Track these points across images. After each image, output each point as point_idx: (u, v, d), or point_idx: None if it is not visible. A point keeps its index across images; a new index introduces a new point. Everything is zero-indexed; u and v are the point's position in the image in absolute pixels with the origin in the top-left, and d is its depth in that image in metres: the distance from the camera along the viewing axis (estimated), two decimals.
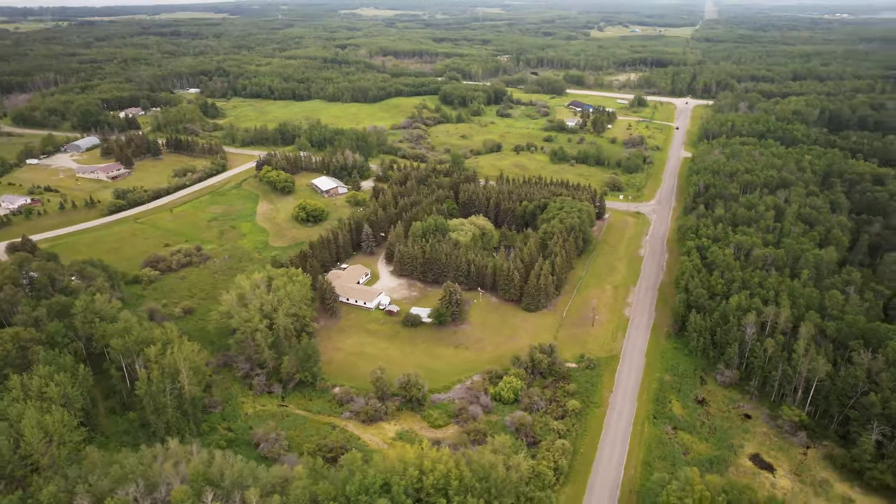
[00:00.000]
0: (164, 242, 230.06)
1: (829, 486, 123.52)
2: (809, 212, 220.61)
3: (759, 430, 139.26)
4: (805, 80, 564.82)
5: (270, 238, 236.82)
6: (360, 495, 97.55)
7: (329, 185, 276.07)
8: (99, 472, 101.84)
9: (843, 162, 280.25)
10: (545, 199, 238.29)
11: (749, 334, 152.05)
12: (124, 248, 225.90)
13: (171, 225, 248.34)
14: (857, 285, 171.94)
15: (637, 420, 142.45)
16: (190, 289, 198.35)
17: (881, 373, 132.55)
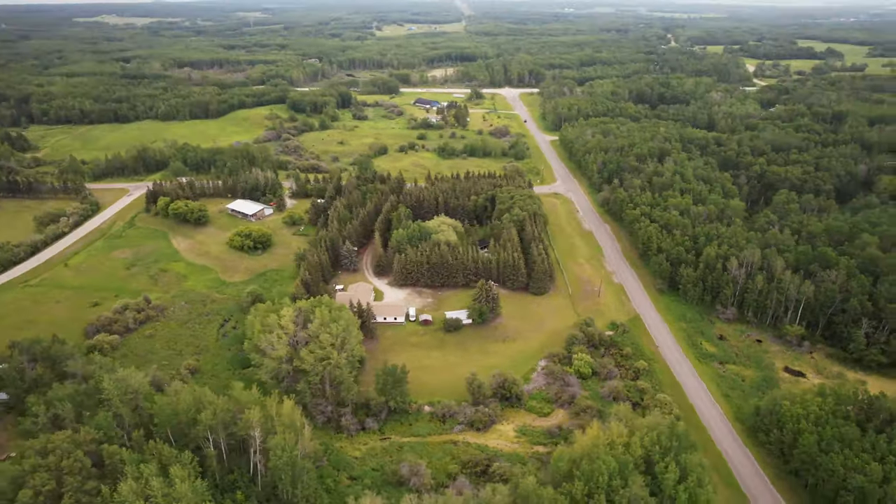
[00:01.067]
0: (89, 302, 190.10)
1: (844, 376, 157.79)
2: (702, 172, 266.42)
3: (774, 349, 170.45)
4: (594, 65, 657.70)
5: (221, 274, 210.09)
6: (613, 479, 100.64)
7: (254, 209, 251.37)
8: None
9: (686, 131, 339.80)
10: (490, 191, 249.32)
11: (738, 275, 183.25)
12: (39, 318, 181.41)
13: (78, 280, 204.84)
14: (778, 224, 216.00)
15: (693, 364, 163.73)
16: (170, 346, 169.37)
17: (850, 281, 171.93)
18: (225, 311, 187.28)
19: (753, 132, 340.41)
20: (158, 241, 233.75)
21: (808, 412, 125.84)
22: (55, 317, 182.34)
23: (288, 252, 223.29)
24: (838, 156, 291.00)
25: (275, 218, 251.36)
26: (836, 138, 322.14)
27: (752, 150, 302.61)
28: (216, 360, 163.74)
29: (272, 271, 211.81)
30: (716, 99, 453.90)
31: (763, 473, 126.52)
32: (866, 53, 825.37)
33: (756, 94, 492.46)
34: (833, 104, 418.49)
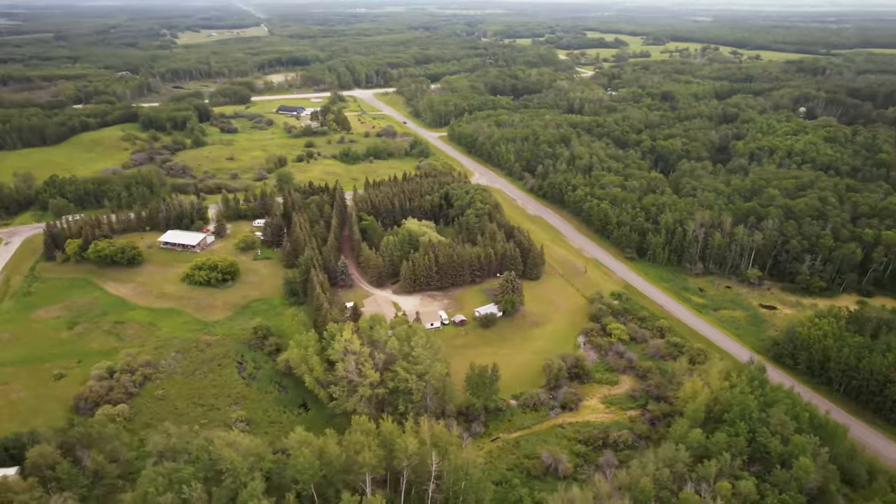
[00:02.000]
0: (49, 376, 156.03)
1: (801, 303, 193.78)
2: (612, 152, 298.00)
3: (743, 292, 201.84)
4: (431, 62, 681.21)
5: (196, 314, 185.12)
6: (756, 413, 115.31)
7: (195, 238, 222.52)
8: None
9: (568, 117, 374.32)
10: (441, 189, 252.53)
11: (698, 234, 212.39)
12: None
13: (10, 354, 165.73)
14: (702, 188, 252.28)
15: (694, 314, 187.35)
16: (196, 402, 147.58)
17: (784, 226, 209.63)
18: (230, 352, 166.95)
19: (619, 113, 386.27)
20: (89, 291, 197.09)
21: (825, 333, 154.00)
22: (15, 402, 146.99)
23: (260, 280, 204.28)
24: (697, 128, 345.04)
25: (222, 245, 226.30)
26: (686, 113, 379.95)
27: (630, 128, 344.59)
28: (264, 406, 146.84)
29: (256, 301, 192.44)
30: (565, 86, 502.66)
31: (806, 387, 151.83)
32: (642, 42, 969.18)
33: (591, 80, 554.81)
34: (658, 85, 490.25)
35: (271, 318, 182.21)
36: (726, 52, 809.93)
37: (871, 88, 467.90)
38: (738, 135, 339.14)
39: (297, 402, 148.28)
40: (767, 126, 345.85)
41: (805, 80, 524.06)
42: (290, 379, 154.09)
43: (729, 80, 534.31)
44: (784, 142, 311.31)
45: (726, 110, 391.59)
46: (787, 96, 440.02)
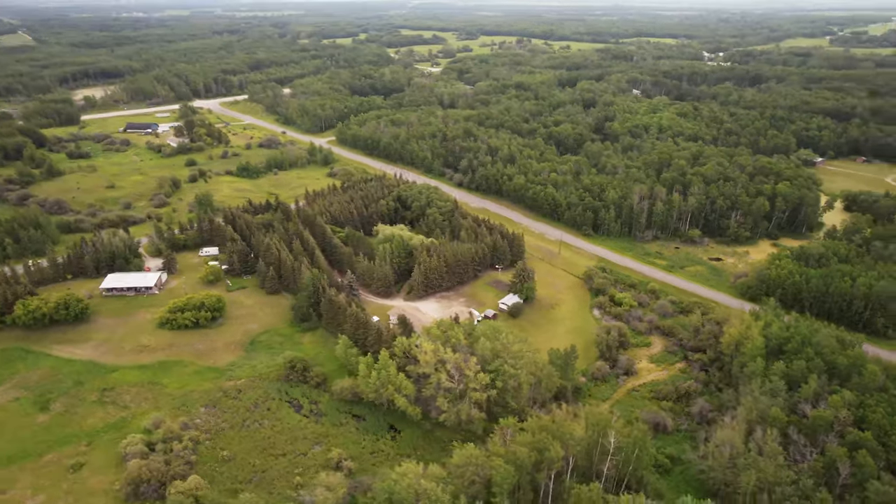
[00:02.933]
0: (61, 468, 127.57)
1: (736, 252, 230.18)
2: (522, 142, 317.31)
3: (689, 250, 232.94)
4: (265, 68, 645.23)
5: (200, 362, 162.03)
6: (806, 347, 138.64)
7: (150, 279, 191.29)
8: None
9: (455, 112, 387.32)
10: (389, 194, 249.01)
11: (643, 206, 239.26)
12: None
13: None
14: (622, 166, 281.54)
15: (666, 274, 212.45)
16: (270, 452, 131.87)
17: (709, 189, 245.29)
18: (270, 393, 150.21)
19: (497, 105, 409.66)
20: (35, 361, 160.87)
21: (790, 270, 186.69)
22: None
23: (249, 311, 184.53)
24: (574, 113, 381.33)
25: (182, 281, 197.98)
26: (553, 101, 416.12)
27: (518, 118, 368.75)
28: (352, 439, 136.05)
29: (263, 335, 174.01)
30: (425, 83, 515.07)
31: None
32: (457, 37, 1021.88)
33: (442, 75, 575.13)
34: (508, 77, 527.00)
35: (292, 349, 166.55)
36: (539, 43, 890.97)
37: (677, 71, 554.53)
38: (608, 117, 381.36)
39: (381, 427, 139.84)
40: (628, 107, 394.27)
41: (626, 65, 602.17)
42: (360, 406, 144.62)
43: (565, 68, 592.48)
44: (651, 119, 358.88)
45: (584, 96, 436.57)
46: (621, 80, 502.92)
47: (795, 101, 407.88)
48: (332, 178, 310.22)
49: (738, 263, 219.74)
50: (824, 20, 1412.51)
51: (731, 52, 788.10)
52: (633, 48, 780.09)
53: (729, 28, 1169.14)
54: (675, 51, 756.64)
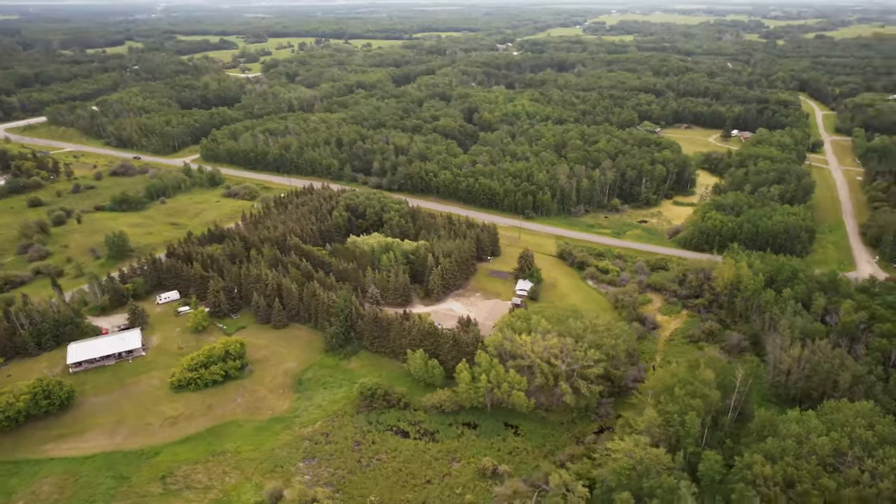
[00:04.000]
0: None
1: (657, 213, 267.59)
2: (423, 138, 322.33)
3: (616, 217, 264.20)
4: (46, 84, 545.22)
5: (259, 416, 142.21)
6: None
7: (131, 339, 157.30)
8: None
9: (329, 117, 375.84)
10: (336, 207, 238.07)
11: (571, 185, 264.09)
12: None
13: None
14: (531, 152, 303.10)
15: (620, 240, 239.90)
16: (422, 484, 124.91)
17: (617, 162, 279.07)
18: (361, 427, 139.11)
19: (365, 106, 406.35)
20: (35, 472, 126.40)
21: (721, 220, 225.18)
22: None
23: (269, 353, 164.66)
24: (440, 107, 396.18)
25: (160, 336, 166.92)
26: (413, 98, 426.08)
27: (394, 116, 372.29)
28: (483, 449, 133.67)
29: (307, 370, 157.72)
30: (259, 89, 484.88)
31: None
32: (244, 41, 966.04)
33: (269, 79, 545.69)
34: (345, 77, 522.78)
35: (345, 378, 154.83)
36: (340, 42, 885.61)
37: (497, 61, 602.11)
38: (472, 108, 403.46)
39: (499, 428, 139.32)
40: (486, 98, 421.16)
41: (443, 59, 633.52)
42: (463, 414, 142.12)
43: (389, 65, 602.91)
44: (514, 108, 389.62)
45: (435, 91, 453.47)
46: (456, 73, 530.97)
47: (612, 82, 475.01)
48: (234, 198, 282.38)
49: (661, 222, 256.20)
50: (567, 13, 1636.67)
51: (517, 41, 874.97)
52: (433, 42, 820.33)
53: (500, 21, 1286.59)
54: (475, 43, 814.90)
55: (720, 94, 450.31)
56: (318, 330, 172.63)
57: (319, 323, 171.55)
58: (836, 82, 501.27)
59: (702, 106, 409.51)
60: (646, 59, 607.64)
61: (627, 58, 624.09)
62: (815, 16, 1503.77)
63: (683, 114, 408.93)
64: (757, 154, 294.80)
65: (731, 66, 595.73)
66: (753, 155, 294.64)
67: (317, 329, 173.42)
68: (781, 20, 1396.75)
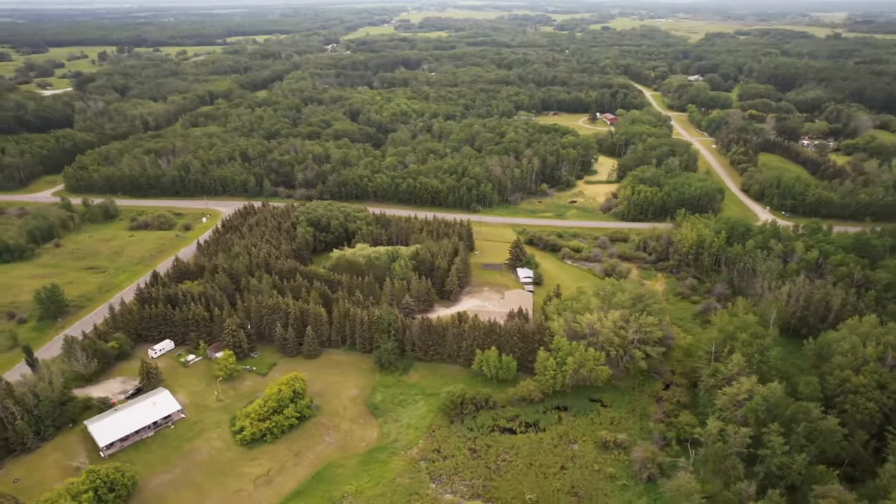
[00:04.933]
0: None
1: (576, 194, 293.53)
2: (336, 144, 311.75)
3: (549, 200, 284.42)
4: None
5: (354, 448, 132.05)
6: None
7: (166, 404, 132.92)
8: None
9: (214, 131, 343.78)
10: (298, 223, 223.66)
11: (506, 175, 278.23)
12: None
13: None
14: (443, 147, 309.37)
15: (568, 219, 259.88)
16: (557, 472, 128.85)
17: (536, 151, 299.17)
18: (464, 434, 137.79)
19: (244, 116, 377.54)
20: None
21: (649, 192, 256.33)
22: None
23: (320, 386, 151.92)
24: (316, 111, 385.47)
25: (194, 392, 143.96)
26: (284, 105, 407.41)
27: (278, 125, 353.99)
28: (596, 423, 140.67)
29: (374, 393, 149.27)
30: (96, 107, 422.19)
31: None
32: (17, 52, 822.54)
33: (94, 94, 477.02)
34: (195, 87, 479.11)
35: (414, 392, 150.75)
36: (148, 51, 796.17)
37: (343, 62, 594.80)
38: (354, 111, 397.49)
39: (588, 405, 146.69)
40: (362, 99, 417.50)
41: (285, 63, 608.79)
42: (549, 400, 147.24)
43: (226, 73, 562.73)
44: (397, 107, 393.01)
45: (303, 96, 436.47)
46: (308, 76, 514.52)
47: (470, 77, 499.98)
48: (145, 229, 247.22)
49: (587, 201, 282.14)
50: (367, 11, 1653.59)
51: (343, 41, 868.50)
52: (258, 46, 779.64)
53: (307, 21, 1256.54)
54: (304, 45, 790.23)
55: (566, 81, 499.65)
56: (357, 351, 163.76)
57: (357, 344, 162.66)
58: (648, 67, 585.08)
59: (563, 94, 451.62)
60: (481, 54, 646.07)
61: (463, 52, 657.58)
62: (587, 10, 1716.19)
63: (549, 102, 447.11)
64: (637, 132, 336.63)
65: (555, 56, 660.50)
66: (635, 133, 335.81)
67: (354, 350, 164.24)
68: (561, 14, 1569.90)
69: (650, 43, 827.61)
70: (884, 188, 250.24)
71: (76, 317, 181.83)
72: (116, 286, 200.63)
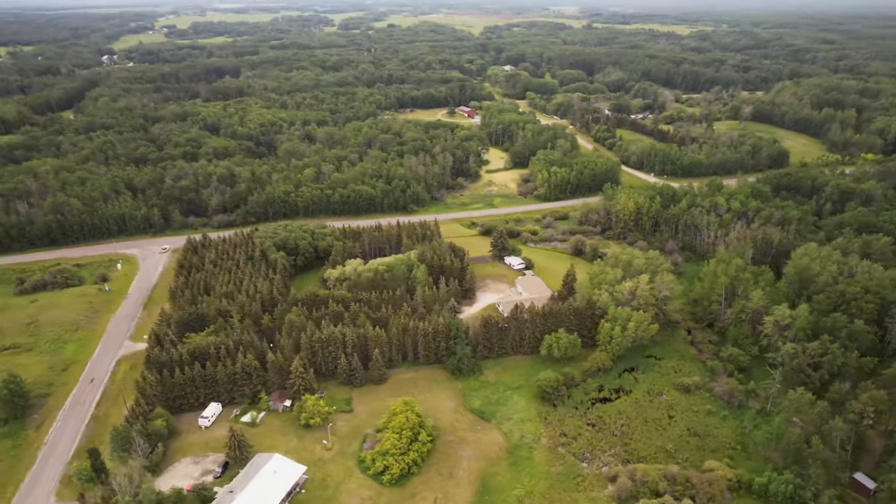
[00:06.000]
0: None
1: (489, 182, 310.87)
2: (231, 162, 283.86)
3: (467, 192, 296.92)
4: None
5: (495, 454, 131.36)
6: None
7: (294, 468, 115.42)
8: None
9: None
10: (269, 251, 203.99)
11: (430, 174, 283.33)
12: None
13: None
14: (349, 152, 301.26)
15: (497, 208, 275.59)
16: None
17: (448, 146, 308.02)
18: (568, 412, 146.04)
19: (96, 140, 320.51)
20: None
21: (560, 172, 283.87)
22: None
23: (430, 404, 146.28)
24: (171, 130, 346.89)
25: (280, 446, 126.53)
26: (157, 116, 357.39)
27: (140, 146, 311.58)
28: (662, 375, 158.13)
29: (469, 400, 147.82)
30: None
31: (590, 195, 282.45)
32: None
33: None
34: None
35: (501, 387, 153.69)
36: None
37: (152, 74, 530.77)
38: (210, 125, 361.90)
39: (647, 364, 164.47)
40: (216, 113, 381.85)
41: (81, 77, 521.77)
42: (616, 366, 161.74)
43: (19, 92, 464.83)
44: (262, 116, 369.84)
45: (137, 113, 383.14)
46: (120, 92, 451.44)
47: (309, 81, 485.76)
48: (47, 289, 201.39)
49: (501, 188, 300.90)
50: (115, 17, 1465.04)
51: (120, 52, 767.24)
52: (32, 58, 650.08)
53: (60, 32, 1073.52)
54: (77, 57, 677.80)
55: (405, 79, 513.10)
56: (421, 365, 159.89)
57: (420, 357, 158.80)
58: (465, 60, 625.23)
59: (415, 91, 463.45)
60: (295, 57, 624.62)
61: (277, 56, 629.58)
62: (354, 9, 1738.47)
63: (404, 100, 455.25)
64: (511, 121, 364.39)
65: (367, 54, 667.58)
66: (510, 121, 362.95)
67: (418, 364, 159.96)
68: (334, 13, 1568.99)
69: (443, 38, 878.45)
70: (729, 148, 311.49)
71: (49, 409, 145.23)
72: (75, 361, 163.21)
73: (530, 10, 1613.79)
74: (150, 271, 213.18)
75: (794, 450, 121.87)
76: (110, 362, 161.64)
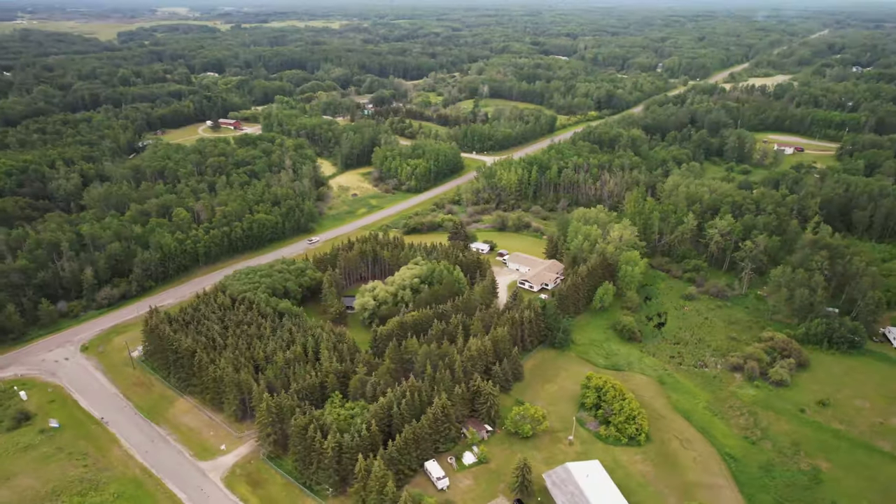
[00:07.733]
0: None
1: (356, 186, 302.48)
2: None
3: (342, 196, 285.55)
4: None
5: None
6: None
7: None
8: None
9: None
10: (254, 303, 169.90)
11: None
12: None
13: None
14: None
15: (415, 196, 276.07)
16: None
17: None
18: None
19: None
20: None
21: (415, 161, 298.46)
22: None
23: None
24: None
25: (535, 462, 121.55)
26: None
27: None
28: (694, 324, 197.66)
29: (611, 358, 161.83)
30: None
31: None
32: None
33: None
34: None
35: (607, 345, 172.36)
36: None
37: None
38: None
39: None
40: None
41: None
42: None
43: None
44: None
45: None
46: None
47: None
48: None
49: (360, 189, 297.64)
50: None
51: None
52: None
53: None
54: None
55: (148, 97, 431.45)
56: (527, 351, 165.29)
57: (527, 345, 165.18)
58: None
59: (159, 110, 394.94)
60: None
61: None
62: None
63: (153, 121, 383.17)
64: (312, 124, 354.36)
65: None
66: (313, 125, 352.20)
67: (525, 352, 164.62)
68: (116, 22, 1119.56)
69: (95, 48, 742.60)
70: (519, 122, 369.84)
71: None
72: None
73: (141, 14, 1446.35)
74: (100, 382, 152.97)
75: (806, 305, 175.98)
76: None
